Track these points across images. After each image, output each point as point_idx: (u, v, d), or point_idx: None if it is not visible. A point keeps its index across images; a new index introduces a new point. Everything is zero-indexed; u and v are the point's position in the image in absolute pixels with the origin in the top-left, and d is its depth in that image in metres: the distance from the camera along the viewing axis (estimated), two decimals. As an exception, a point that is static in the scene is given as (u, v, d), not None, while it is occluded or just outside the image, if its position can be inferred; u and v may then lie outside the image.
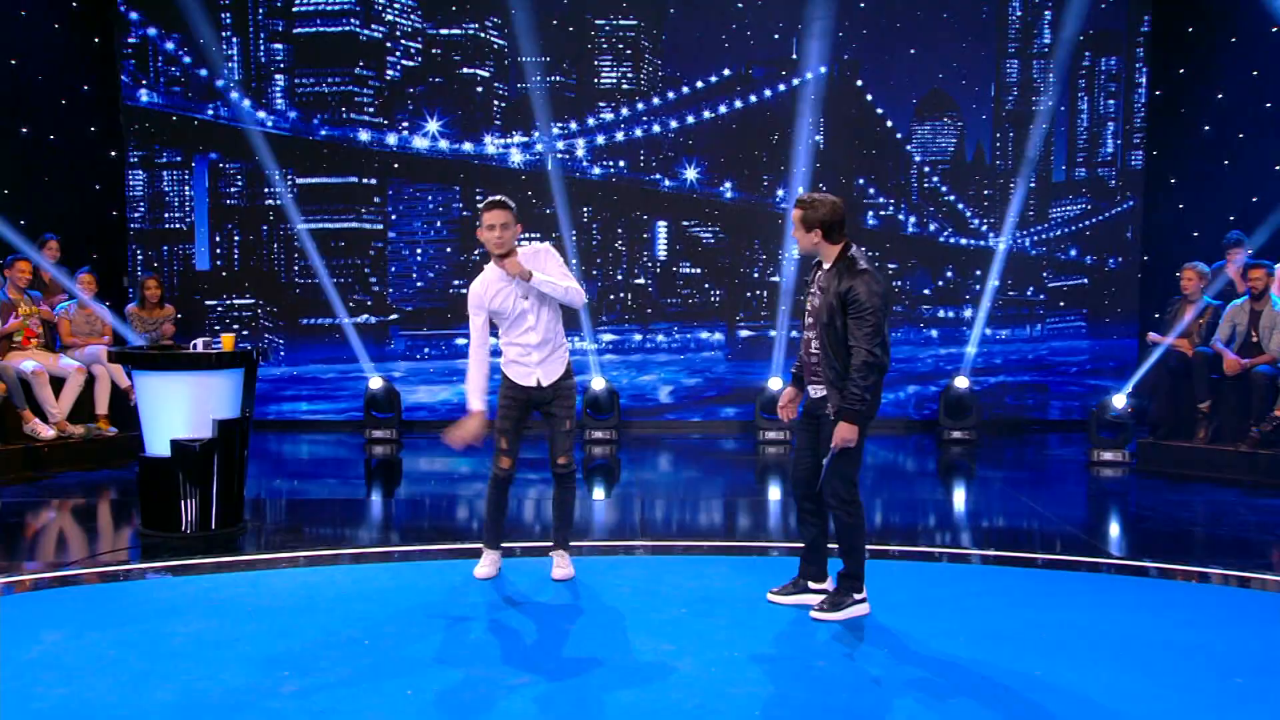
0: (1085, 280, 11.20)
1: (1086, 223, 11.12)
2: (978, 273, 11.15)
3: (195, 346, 6.43)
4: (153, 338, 9.54)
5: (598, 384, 10.32)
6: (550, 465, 5.34)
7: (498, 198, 5.06)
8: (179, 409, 6.21)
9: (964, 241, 11.18)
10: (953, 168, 11.17)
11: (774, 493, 8.32)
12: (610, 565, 5.74)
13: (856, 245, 4.74)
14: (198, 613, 4.85)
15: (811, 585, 5.01)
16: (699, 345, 11.28)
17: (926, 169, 11.15)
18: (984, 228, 11.14)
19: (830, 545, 4.98)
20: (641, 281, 11.23)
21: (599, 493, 8.19)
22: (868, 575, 4.90)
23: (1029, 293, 11.24)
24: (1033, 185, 11.06)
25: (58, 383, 8.65)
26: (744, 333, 11.26)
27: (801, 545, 5.08)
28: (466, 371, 5.16)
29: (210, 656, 4.29)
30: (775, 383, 10.31)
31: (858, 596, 4.82)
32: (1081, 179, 11.15)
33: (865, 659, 4.34)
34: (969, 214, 11.15)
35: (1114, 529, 7.22)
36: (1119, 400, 9.18)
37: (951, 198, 11.16)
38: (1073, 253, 11.16)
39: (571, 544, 5.53)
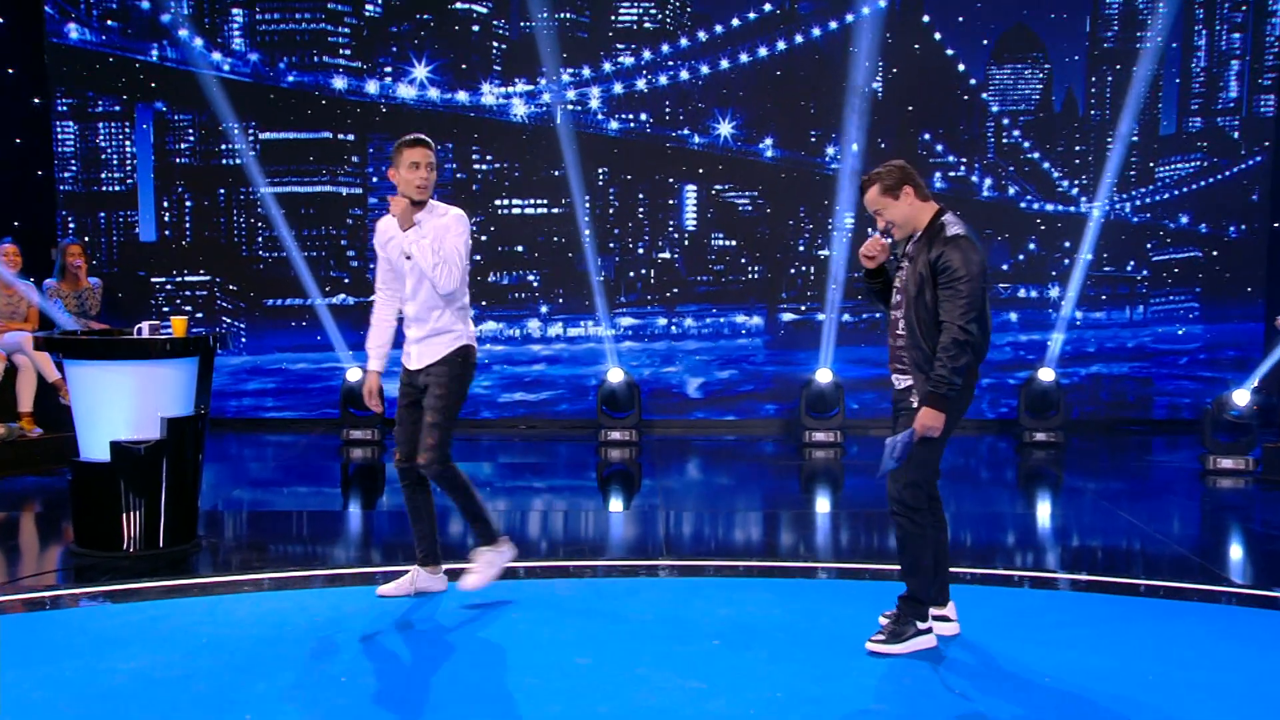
0: (1199, 253, 11.09)
1: (1202, 183, 11.01)
2: (1066, 245, 11.07)
3: (140, 332, 6.45)
4: (80, 310, 9.46)
5: (615, 376, 10.32)
6: None
7: (421, 135, 5.25)
8: (120, 406, 6.23)
9: (1050, 207, 11.10)
10: (1037, 120, 11.08)
11: (822, 504, 8.30)
12: (630, 588, 5.75)
13: (951, 210, 4.73)
14: (142, 646, 4.86)
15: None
16: (734, 331, 11.26)
17: (1005, 121, 11.07)
18: (1075, 191, 11.06)
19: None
20: (667, 256, 11.21)
21: (616, 504, 8.20)
22: (935, 602, 4.89)
23: (1129, 268, 11.15)
24: (1135, 140, 10.95)
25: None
26: (787, 316, 11.23)
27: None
28: None
29: (157, 697, 4.30)
30: (823, 375, 10.27)
31: (921, 626, 4.80)
32: (1196, 130, 11.03)
33: (930, 701, 4.32)
34: (1056, 175, 11.07)
35: (1235, 551, 7.16)
36: (1241, 397, 9.09)
37: (1035, 155, 11.08)
38: (1184, 220, 11.06)
39: (585, 563, 5.56)
